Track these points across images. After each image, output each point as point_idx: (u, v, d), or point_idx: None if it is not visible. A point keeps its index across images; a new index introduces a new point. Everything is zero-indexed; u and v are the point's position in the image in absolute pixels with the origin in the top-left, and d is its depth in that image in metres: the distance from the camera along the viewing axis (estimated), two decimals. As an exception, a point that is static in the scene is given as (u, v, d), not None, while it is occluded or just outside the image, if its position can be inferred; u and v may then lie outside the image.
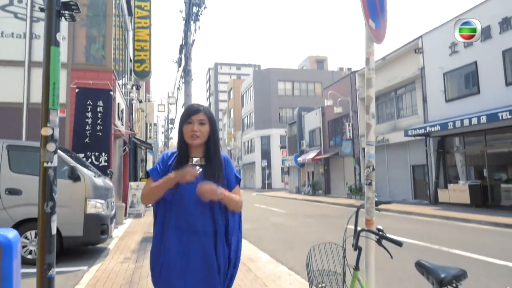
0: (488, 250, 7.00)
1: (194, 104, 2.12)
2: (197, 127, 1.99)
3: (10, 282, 1.60)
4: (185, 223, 1.93)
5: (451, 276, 1.92)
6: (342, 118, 24.79)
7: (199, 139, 2.00)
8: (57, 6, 2.59)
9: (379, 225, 2.61)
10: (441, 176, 16.64)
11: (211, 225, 1.97)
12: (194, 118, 2.00)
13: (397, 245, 2.20)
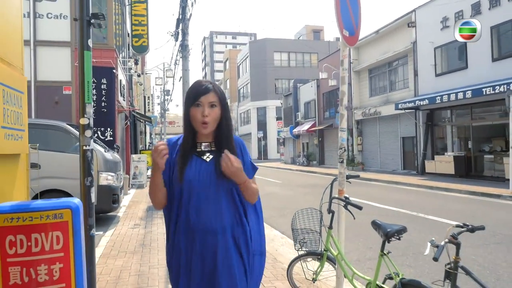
0: (456, 215, 7.81)
1: (202, 81, 1.77)
2: (207, 111, 1.67)
3: (79, 236, 2.27)
4: (197, 222, 1.67)
5: (394, 231, 2.62)
6: (336, 90, 25.24)
7: (210, 126, 1.70)
8: (87, 17, 3.13)
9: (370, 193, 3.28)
10: (429, 147, 17.41)
11: (229, 224, 1.70)
12: (204, 100, 1.67)
13: (357, 209, 2.88)
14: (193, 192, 1.69)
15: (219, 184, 1.70)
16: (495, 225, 6.85)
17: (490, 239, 5.87)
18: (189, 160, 1.73)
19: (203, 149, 1.76)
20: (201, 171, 1.71)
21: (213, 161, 1.72)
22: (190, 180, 1.69)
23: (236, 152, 1.74)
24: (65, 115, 9.49)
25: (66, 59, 9.77)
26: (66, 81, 9.77)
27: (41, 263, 2.18)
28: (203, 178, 1.69)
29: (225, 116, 1.75)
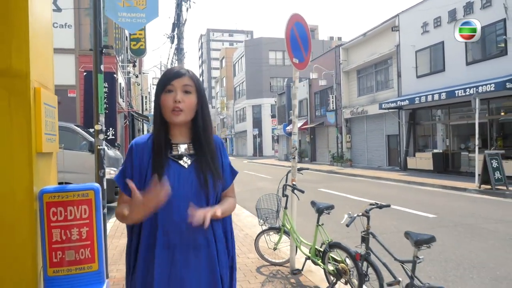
0: (417, 205, 8.85)
1: (176, 66, 1.61)
2: (180, 96, 1.44)
3: (99, 209, 3.26)
4: (178, 238, 1.44)
5: (324, 207, 3.64)
6: (327, 89, 26.26)
7: (184, 114, 1.46)
8: (99, 47, 4.11)
9: (351, 187, 4.30)
10: (411, 145, 18.47)
11: (208, 234, 1.49)
12: (176, 84, 1.46)
13: (301, 192, 3.89)
14: (172, 205, 1.39)
15: (201, 195, 1.46)
16: (451, 213, 7.91)
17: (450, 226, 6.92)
18: (165, 164, 1.44)
19: (181, 151, 1.48)
20: (181, 179, 1.44)
21: (193, 167, 1.46)
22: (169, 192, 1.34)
23: (215, 153, 1.53)
24: (70, 116, 10.45)
25: (71, 64, 10.71)
26: (71, 85, 10.71)
27: (74, 227, 3.17)
28: (185, 189, 1.43)
29: (202, 105, 1.50)
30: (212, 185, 1.48)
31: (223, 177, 1.56)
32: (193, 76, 1.51)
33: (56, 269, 3.08)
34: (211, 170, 1.49)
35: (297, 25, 4.01)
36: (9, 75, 3.00)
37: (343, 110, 23.99)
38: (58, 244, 3.14)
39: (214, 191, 1.50)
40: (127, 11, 4.42)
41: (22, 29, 3.01)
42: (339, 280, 3.52)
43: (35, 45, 3.17)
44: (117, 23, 4.91)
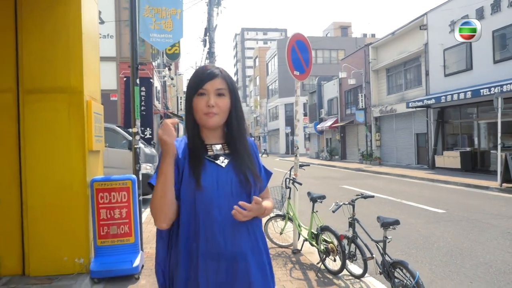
0: (433, 202, 9.25)
1: (208, 65, 1.47)
2: (213, 100, 1.37)
3: (135, 195, 4.16)
4: (222, 244, 1.33)
5: (316, 196, 4.34)
6: (357, 88, 26.45)
7: (218, 118, 1.39)
8: (136, 65, 5.02)
9: (372, 184, 5.02)
10: (439, 143, 18.47)
11: (249, 244, 1.39)
12: (209, 87, 1.38)
13: (299, 184, 4.62)
14: (212, 207, 1.33)
15: (243, 194, 1.39)
16: (461, 209, 8.30)
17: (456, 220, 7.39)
18: (202, 164, 1.38)
19: (216, 152, 1.43)
20: (220, 179, 1.37)
21: (231, 166, 1.40)
22: (208, 188, 1.33)
23: (250, 152, 1.48)
24: (112, 117, 11.66)
25: (112, 71, 11.91)
26: (112, 90, 11.93)
27: (116, 208, 4.10)
28: (224, 188, 1.36)
29: (235, 107, 1.44)
30: (254, 182, 1.41)
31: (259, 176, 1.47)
32: (226, 76, 1.41)
33: (103, 240, 4.03)
34: (250, 168, 1.42)
35: (298, 42, 4.73)
36: (69, 92, 3.98)
37: (372, 109, 24.15)
38: (104, 221, 4.09)
39: (256, 187, 1.43)
40: (157, 33, 5.31)
41: (78, 57, 3.98)
42: (328, 257, 4.22)
43: (87, 67, 4.14)
44: (149, 42, 5.82)
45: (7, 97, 3.90)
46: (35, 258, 3.93)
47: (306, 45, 4.86)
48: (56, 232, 3.93)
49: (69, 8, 3.96)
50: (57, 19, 3.93)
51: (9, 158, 3.90)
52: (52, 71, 3.95)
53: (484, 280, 4.21)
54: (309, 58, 4.93)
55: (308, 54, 4.90)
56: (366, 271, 4.02)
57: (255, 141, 1.65)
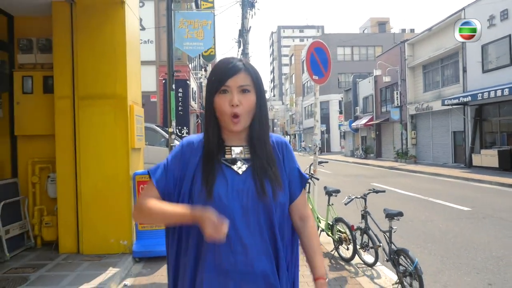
0: (457, 199, 9.29)
1: (230, 58, 1.27)
2: (237, 98, 1.19)
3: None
4: (232, 260, 1.17)
5: (331, 190, 4.76)
6: (392, 85, 26.12)
7: (243, 120, 1.22)
8: (172, 72, 5.66)
9: (401, 182, 5.45)
10: (477, 142, 18.01)
11: (271, 262, 1.22)
12: (232, 83, 1.20)
13: (316, 180, 5.04)
14: (225, 218, 1.12)
15: (259, 207, 1.20)
16: (487, 207, 8.35)
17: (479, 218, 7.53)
18: (216, 170, 1.22)
19: (235, 155, 1.25)
20: (235, 188, 1.20)
21: (249, 174, 1.23)
22: (220, 198, 1.17)
23: (272, 156, 1.27)
24: (152, 117, 12.53)
25: (152, 74, 12.78)
26: (152, 91, 12.81)
27: (154, 198, 4.73)
28: (239, 199, 1.19)
29: (261, 105, 1.26)
30: (272, 194, 1.20)
31: (288, 185, 1.29)
32: (251, 70, 1.24)
33: (143, 225, 4.67)
34: (269, 176, 1.22)
35: (317, 49, 5.15)
36: (115, 98, 4.66)
37: (408, 106, 23.80)
38: (144, 209, 4.73)
39: (274, 201, 1.21)
40: (190, 41, 5.92)
41: (123, 68, 4.65)
42: (341, 246, 4.63)
43: (130, 76, 4.81)
44: (182, 50, 6.44)
45: (65, 103, 4.63)
46: (87, 239, 4.65)
47: (325, 51, 5.26)
48: (104, 218, 4.62)
49: (115, 27, 4.63)
50: (105, 37, 4.61)
51: (68, 154, 4.63)
52: (101, 80, 4.64)
53: (491, 272, 4.45)
54: (328, 64, 5.33)
55: (327, 60, 5.30)
56: (378, 259, 4.39)
57: (290, 140, 1.47)
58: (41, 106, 4.91)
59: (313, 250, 1.33)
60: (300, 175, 1.35)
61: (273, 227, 1.22)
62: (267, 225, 1.22)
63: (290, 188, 1.31)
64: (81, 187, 4.62)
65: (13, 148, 5.03)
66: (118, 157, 4.66)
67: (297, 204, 1.34)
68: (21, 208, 4.79)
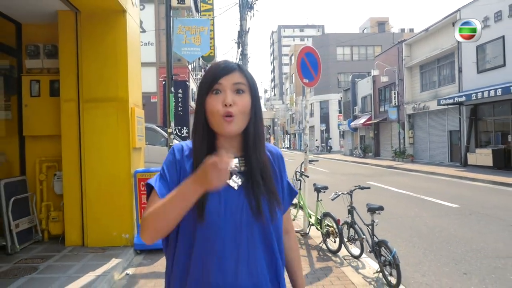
0: (447, 196, 9.60)
1: (223, 60, 1.19)
2: (231, 97, 1.11)
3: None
4: (221, 281, 1.09)
5: (320, 187, 5.08)
6: (391, 85, 26.41)
7: (238, 121, 1.12)
8: (171, 75, 5.97)
9: (397, 181, 5.76)
10: (472, 141, 18.30)
11: (268, 281, 1.15)
12: (225, 82, 1.12)
13: (306, 177, 5.36)
14: (215, 238, 1.09)
15: (254, 225, 1.13)
16: (475, 204, 8.66)
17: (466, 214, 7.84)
18: None
19: (230, 168, 1.01)
20: (228, 204, 1.12)
21: (242, 188, 1.14)
22: (212, 216, 1.09)
23: (268, 168, 1.19)
24: (152, 117, 12.85)
25: (152, 75, 13.10)
26: (153, 92, 13.13)
27: (154, 195, 5.05)
28: (233, 217, 1.11)
29: (256, 109, 1.17)
30: (268, 212, 1.14)
31: (281, 200, 1.22)
32: (246, 71, 1.18)
33: (144, 220, 4.98)
34: (266, 191, 1.15)
35: (307, 54, 5.46)
36: (117, 100, 4.98)
37: (405, 106, 24.10)
38: (145, 204, 5.05)
39: (271, 220, 1.15)
40: (188, 47, 6.24)
41: (124, 73, 4.97)
42: (328, 239, 4.96)
43: (131, 81, 5.13)
44: (180, 55, 6.76)
45: (71, 105, 4.96)
46: (91, 233, 4.97)
47: (315, 56, 5.58)
48: (107, 213, 4.94)
49: (118, 34, 4.95)
50: (108, 44, 4.93)
51: (73, 153, 4.96)
52: (104, 85, 4.96)
53: (468, 263, 4.77)
54: (318, 68, 5.64)
55: (317, 64, 5.62)
56: (363, 251, 4.72)
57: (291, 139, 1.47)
58: (48, 109, 5.24)
59: (295, 263, 1.33)
60: (290, 189, 1.30)
61: (270, 245, 1.16)
62: (264, 244, 1.15)
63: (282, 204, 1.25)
64: (85, 184, 4.95)
65: (21, 147, 5.36)
66: (120, 156, 4.99)
67: (284, 217, 1.29)
68: (29, 204, 5.11)
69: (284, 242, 1.28)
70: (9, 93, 5.34)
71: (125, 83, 4.98)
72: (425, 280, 4.24)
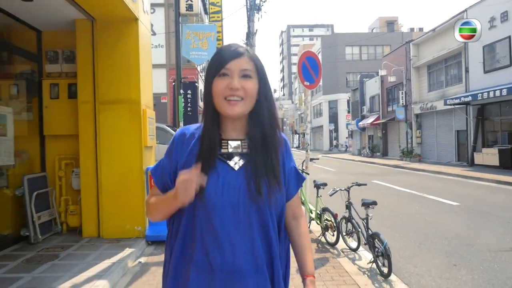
0: (448, 195, 9.81)
1: (232, 43, 1.21)
2: (237, 81, 1.14)
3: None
4: (219, 258, 1.14)
5: (320, 184, 5.39)
6: (398, 85, 26.50)
7: (243, 104, 1.16)
8: (180, 79, 6.33)
9: (402, 179, 6.07)
10: (479, 140, 18.37)
11: (264, 261, 1.18)
12: (232, 66, 1.15)
13: (307, 175, 5.67)
14: (213, 216, 1.14)
15: (252, 206, 1.16)
16: (475, 202, 8.88)
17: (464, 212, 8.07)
18: (210, 165, 1.15)
19: (231, 150, 1.19)
20: (226, 184, 1.16)
21: (243, 170, 1.18)
22: (210, 194, 1.13)
23: (277, 153, 1.21)
24: (163, 117, 13.28)
25: (162, 76, 13.52)
26: (163, 93, 13.54)
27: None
28: (230, 196, 1.15)
29: (265, 93, 1.19)
30: (267, 194, 1.16)
31: (284, 184, 1.25)
32: (254, 56, 1.19)
33: (154, 213, 5.36)
34: (267, 174, 1.17)
35: (308, 58, 5.77)
36: (130, 102, 5.35)
37: (413, 106, 24.19)
38: (156, 200, 5.43)
39: (269, 203, 1.16)
40: (196, 51, 6.61)
41: (136, 77, 5.35)
42: (327, 232, 5.27)
43: (143, 84, 5.51)
44: (188, 59, 7.13)
45: (88, 107, 5.35)
46: (106, 225, 5.36)
47: (316, 60, 5.89)
48: (121, 207, 5.32)
49: (130, 41, 5.33)
50: (121, 51, 5.31)
51: (90, 152, 5.35)
52: (118, 88, 5.34)
53: (459, 256, 5.03)
54: (318, 71, 5.95)
55: (318, 67, 5.93)
56: (360, 244, 5.01)
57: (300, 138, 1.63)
58: (66, 110, 5.64)
59: (304, 248, 1.31)
60: (297, 174, 1.33)
61: (266, 227, 1.17)
62: (260, 225, 1.17)
63: (287, 188, 1.27)
64: (101, 180, 5.33)
65: (42, 146, 5.77)
66: (133, 154, 5.36)
67: (292, 203, 1.31)
68: (49, 198, 5.52)
69: (293, 227, 1.32)
70: (30, 95, 5.75)
71: (137, 86, 5.36)
72: (416, 271, 4.53)
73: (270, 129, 1.20)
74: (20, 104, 5.66)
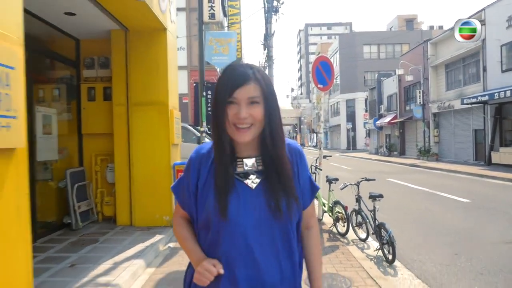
0: (460, 192, 10.06)
1: (237, 65, 1.23)
2: (245, 111, 1.16)
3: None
4: (243, 273, 1.19)
5: (331, 179, 5.85)
6: (416, 84, 26.50)
7: (252, 131, 1.19)
8: (203, 82, 6.88)
9: (416, 178, 6.53)
10: (496, 140, 18.35)
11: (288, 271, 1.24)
12: (240, 95, 1.16)
13: (320, 170, 6.13)
14: (237, 235, 1.18)
15: (273, 223, 1.20)
16: (486, 200, 9.14)
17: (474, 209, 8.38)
18: (229, 185, 1.20)
19: (247, 168, 1.23)
20: (247, 203, 1.20)
21: (261, 188, 1.22)
22: (233, 217, 1.18)
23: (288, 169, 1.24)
24: (184, 117, 13.91)
25: (184, 78, 14.14)
26: (184, 93, 14.17)
27: (189, 183, 5.99)
28: (252, 215, 1.19)
29: (270, 115, 1.20)
30: (286, 210, 1.19)
31: (300, 196, 1.26)
32: (260, 79, 1.18)
33: (180, 204, 5.92)
34: (283, 190, 1.20)
35: (322, 63, 6.23)
36: (158, 104, 5.93)
37: (430, 105, 24.19)
38: (182, 192, 6.00)
39: (289, 217, 1.20)
40: (217, 56, 7.15)
41: (165, 81, 5.92)
42: (338, 223, 5.72)
43: (170, 87, 6.08)
44: (211, 63, 7.68)
45: (122, 109, 5.96)
46: (138, 215, 5.96)
47: (329, 64, 6.34)
48: (151, 198, 5.91)
49: (159, 49, 5.91)
50: (151, 57, 5.90)
51: (123, 148, 5.96)
52: (148, 91, 5.92)
53: (461, 246, 5.40)
54: (331, 74, 6.39)
55: (331, 71, 6.37)
56: (368, 235, 5.45)
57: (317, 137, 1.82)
58: (101, 111, 6.27)
59: (315, 259, 1.34)
60: (312, 185, 1.34)
61: (289, 240, 1.22)
62: (282, 238, 1.21)
63: (302, 198, 1.27)
64: (133, 174, 5.93)
65: (80, 143, 6.42)
66: (161, 150, 5.94)
67: (306, 213, 1.32)
68: (87, 190, 6.16)
69: (305, 237, 1.35)
70: (70, 98, 6.41)
71: (165, 89, 5.93)
72: (419, 258, 4.94)
73: (273, 149, 1.22)
74: (61, 106, 6.32)
